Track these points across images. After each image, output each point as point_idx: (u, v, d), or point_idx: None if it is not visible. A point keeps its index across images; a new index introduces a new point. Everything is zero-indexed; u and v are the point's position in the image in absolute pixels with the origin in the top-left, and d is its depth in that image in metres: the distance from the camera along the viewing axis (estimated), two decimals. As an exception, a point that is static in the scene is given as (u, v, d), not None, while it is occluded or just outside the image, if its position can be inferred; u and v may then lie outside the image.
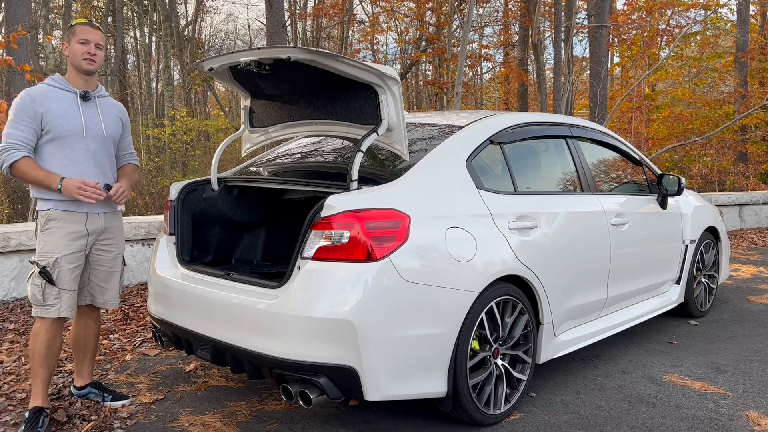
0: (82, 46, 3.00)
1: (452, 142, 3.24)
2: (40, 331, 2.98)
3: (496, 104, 23.44)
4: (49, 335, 2.98)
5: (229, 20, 45.47)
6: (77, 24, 3.07)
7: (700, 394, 3.50)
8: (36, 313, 2.98)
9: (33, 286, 2.96)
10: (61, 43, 3.07)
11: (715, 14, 19.50)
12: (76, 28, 3.04)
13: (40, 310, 2.97)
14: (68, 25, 3.20)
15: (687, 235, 4.78)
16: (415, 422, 3.10)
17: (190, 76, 21.57)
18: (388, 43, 28.01)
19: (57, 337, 3.01)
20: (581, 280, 3.66)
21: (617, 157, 4.52)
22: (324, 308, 2.60)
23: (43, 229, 2.98)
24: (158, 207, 11.23)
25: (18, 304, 5.01)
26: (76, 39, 3.00)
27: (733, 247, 8.61)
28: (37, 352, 2.97)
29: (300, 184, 3.28)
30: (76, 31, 3.02)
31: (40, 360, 2.97)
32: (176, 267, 3.35)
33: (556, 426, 3.09)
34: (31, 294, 2.96)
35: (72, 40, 3.01)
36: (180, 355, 4.06)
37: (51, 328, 2.99)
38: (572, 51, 12.78)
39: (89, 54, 3.00)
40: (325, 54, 2.86)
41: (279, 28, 9.08)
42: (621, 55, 20.18)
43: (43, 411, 2.96)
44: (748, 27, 17.36)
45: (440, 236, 2.85)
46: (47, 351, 2.98)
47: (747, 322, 4.96)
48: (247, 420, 3.12)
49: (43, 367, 2.98)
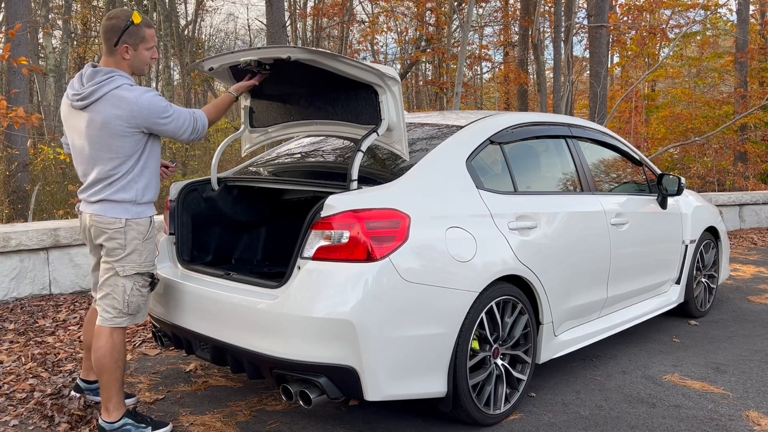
0: (149, 53, 2.87)
1: (452, 142, 3.24)
2: (118, 338, 2.85)
3: (496, 104, 23.44)
4: (124, 338, 2.91)
5: (229, 20, 45.49)
6: (144, 26, 2.83)
7: (700, 394, 3.50)
8: (126, 323, 2.87)
9: (139, 297, 2.87)
10: (122, 45, 2.79)
11: (714, 14, 19.50)
12: (146, 33, 2.84)
13: (132, 319, 2.89)
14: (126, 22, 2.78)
15: (687, 235, 4.78)
16: (415, 422, 3.10)
17: (190, 76, 21.57)
18: (387, 43, 28.05)
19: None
20: (581, 280, 3.66)
21: (617, 157, 4.52)
22: (324, 308, 2.60)
23: (147, 238, 2.87)
24: (158, 207, 11.23)
25: (18, 304, 5.01)
26: (145, 45, 2.84)
27: (733, 247, 8.61)
28: (121, 361, 2.87)
29: (300, 184, 3.28)
30: (146, 37, 2.84)
31: (122, 366, 2.87)
32: (176, 267, 3.35)
33: (556, 426, 3.09)
34: (136, 306, 2.86)
35: (140, 46, 2.83)
36: (180, 355, 4.05)
37: (124, 331, 2.92)
38: (572, 51, 12.78)
39: (153, 59, 2.92)
40: (325, 54, 2.86)
41: (279, 28, 9.08)
42: (621, 55, 20.18)
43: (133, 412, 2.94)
44: (748, 27, 17.36)
45: (440, 236, 2.85)
46: (125, 355, 2.92)
47: (747, 322, 4.96)
48: (247, 420, 3.12)
49: (122, 372, 2.89)
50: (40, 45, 17.13)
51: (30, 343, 4.21)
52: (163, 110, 2.77)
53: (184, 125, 2.84)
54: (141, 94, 2.73)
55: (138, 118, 2.72)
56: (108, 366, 2.82)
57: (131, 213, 2.81)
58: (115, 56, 2.82)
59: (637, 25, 17.08)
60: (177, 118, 2.81)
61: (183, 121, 2.83)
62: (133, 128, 2.74)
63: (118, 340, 2.85)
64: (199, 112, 2.91)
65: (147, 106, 2.72)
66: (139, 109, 2.71)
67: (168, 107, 2.80)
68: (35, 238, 5.15)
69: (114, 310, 2.84)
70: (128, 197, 2.80)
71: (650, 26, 17.28)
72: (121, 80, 2.76)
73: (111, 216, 2.79)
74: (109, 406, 2.85)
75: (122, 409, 2.88)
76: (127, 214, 2.80)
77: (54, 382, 3.52)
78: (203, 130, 2.91)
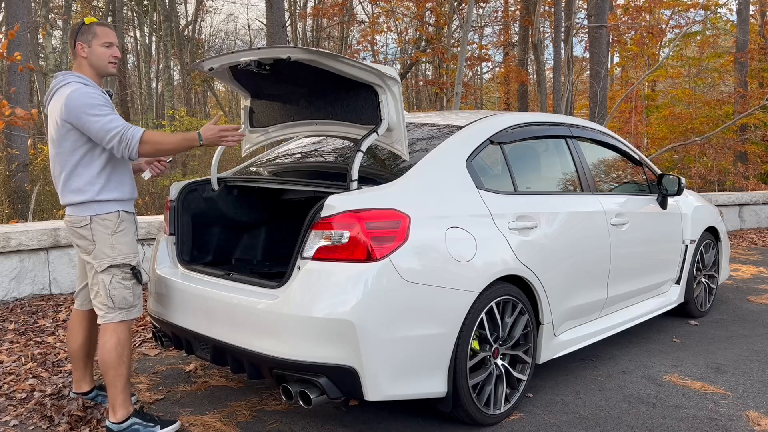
0: (107, 50, 2.90)
1: (452, 142, 3.24)
2: (123, 334, 2.86)
3: (496, 104, 23.44)
4: (129, 335, 2.92)
5: (229, 20, 45.51)
6: (95, 24, 2.92)
7: (700, 394, 3.50)
8: (120, 318, 2.87)
9: (122, 290, 2.87)
10: (77, 44, 2.89)
11: (714, 14, 19.50)
12: (96, 29, 2.90)
13: (126, 313, 2.89)
14: (79, 24, 2.93)
15: (687, 235, 4.78)
16: (415, 422, 3.10)
17: (190, 76, 21.58)
18: (387, 43, 28.04)
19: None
20: (581, 280, 3.66)
21: (617, 157, 4.52)
22: (324, 308, 2.60)
23: (117, 232, 2.88)
24: (158, 207, 11.22)
25: (18, 304, 5.01)
26: (99, 42, 2.89)
27: (733, 247, 8.60)
28: (126, 357, 2.86)
29: (300, 184, 3.28)
30: (97, 33, 2.89)
31: (126, 362, 2.87)
32: (176, 267, 3.35)
33: (556, 426, 3.09)
34: (121, 299, 2.87)
35: (93, 42, 2.88)
36: (180, 355, 4.06)
37: (129, 328, 2.93)
38: (572, 51, 12.77)
39: (114, 57, 2.94)
40: (325, 54, 2.86)
41: (279, 28, 9.08)
42: (621, 55, 20.18)
43: (140, 412, 2.94)
44: (748, 27, 17.35)
45: (440, 236, 2.85)
46: (130, 352, 2.92)
47: (747, 322, 4.96)
48: (247, 420, 3.12)
49: (128, 369, 2.88)
50: (40, 45, 17.12)
51: (30, 343, 4.21)
52: (92, 107, 2.72)
53: (111, 131, 2.70)
54: (77, 89, 2.76)
55: (66, 112, 2.74)
56: (112, 362, 2.83)
57: (93, 209, 2.85)
58: (77, 59, 2.93)
59: (637, 25, 17.09)
60: (107, 121, 2.71)
61: (112, 125, 2.71)
62: (67, 122, 2.77)
63: (123, 336, 2.87)
64: (139, 129, 2.75)
65: (76, 98, 2.73)
66: (68, 102, 2.74)
67: (100, 106, 2.73)
68: (35, 238, 5.15)
69: (104, 306, 2.88)
70: (87, 196, 2.83)
71: (650, 26, 17.29)
72: (71, 78, 2.85)
73: (77, 215, 2.86)
74: (115, 404, 2.85)
75: (128, 408, 2.88)
76: (90, 211, 2.84)
77: (54, 382, 3.52)
78: (132, 146, 2.71)
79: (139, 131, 2.74)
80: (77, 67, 2.93)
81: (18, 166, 9.81)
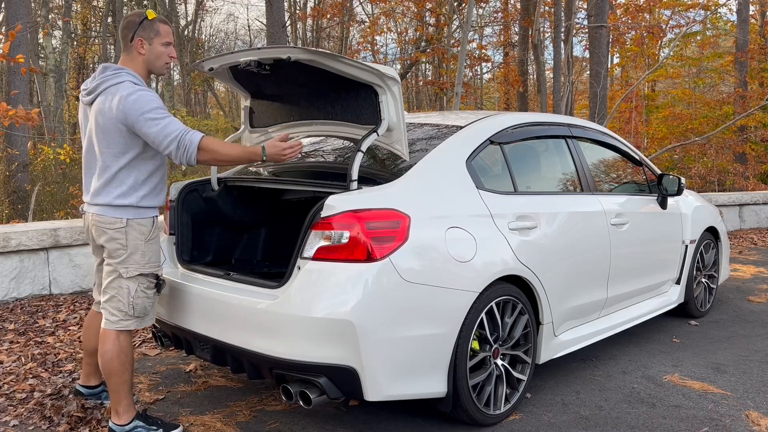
0: (166, 48, 2.81)
1: (452, 142, 3.24)
2: (125, 341, 2.80)
3: (496, 104, 23.44)
4: (131, 341, 2.87)
5: (229, 20, 45.54)
6: (158, 21, 2.80)
7: (700, 394, 3.50)
8: (134, 326, 2.82)
9: (145, 299, 2.82)
10: (137, 39, 2.76)
11: (714, 14, 19.50)
12: (160, 27, 2.79)
13: (140, 322, 2.83)
14: (141, 17, 2.77)
15: (687, 235, 4.78)
16: (414, 422, 3.10)
17: (190, 76, 21.58)
18: (387, 43, 28.03)
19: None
20: (581, 280, 3.66)
21: (617, 157, 4.52)
22: (324, 308, 2.60)
23: (151, 239, 2.81)
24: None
25: (18, 304, 5.01)
26: (160, 40, 2.79)
27: (733, 247, 8.60)
28: (129, 364, 2.82)
29: (300, 184, 3.28)
30: (160, 31, 2.79)
31: (129, 368, 2.83)
32: (176, 267, 3.35)
33: (556, 426, 3.09)
34: (142, 308, 2.81)
35: (154, 40, 2.78)
36: (180, 355, 4.06)
37: (131, 334, 2.88)
38: (572, 51, 12.78)
39: (171, 58, 2.84)
40: (325, 54, 2.86)
41: (279, 28, 9.08)
42: (621, 55, 20.19)
43: (143, 414, 2.93)
44: (748, 27, 17.35)
45: (440, 236, 2.85)
46: (132, 358, 2.88)
47: (747, 322, 4.96)
48: (247, 420, 3.12)
49: (131, 375, 2.85)
50: (40, 45, 17.12)
51: (30, 343, 4.21)
52: (151, 110, 2.62)
53: (170, 135, 2.62)
54: (135, 91, 2.66)
55: (122, 113, 2.64)
56: (116, 369, 2.79)
57: (132, 213, 2.77)
58: (131, 53, 2.80)
59: (637, 25, 17.08)
60: (165, 125, 2.62)
61: (170, 129, 2.62)
62: (121, 124, 2.67)
63: (125, 342, 2.82)
64: (197, 133, 2.65)
65: (134, 100, 2.63)
66: (125, 104, 2.63)
67: (158, 109, 2.64)
68: (35, 239, 5.15)
69: (120, 313, 2.80)
70: (129, 201, 2.76)
71: (650, 26, 17.28)
72: (126, 77, 2.73)
73: (112, 216, 2.76)
74: (119, 409, 2.83)
75: (132, 411, 2.86)
76: (128, 215, 2.76)
77: (54, 383, 3.52)
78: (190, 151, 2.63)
79: (197, 136, 2.64)
80: (130, 61, 2.80)
81: (18, 167, 9.81)
